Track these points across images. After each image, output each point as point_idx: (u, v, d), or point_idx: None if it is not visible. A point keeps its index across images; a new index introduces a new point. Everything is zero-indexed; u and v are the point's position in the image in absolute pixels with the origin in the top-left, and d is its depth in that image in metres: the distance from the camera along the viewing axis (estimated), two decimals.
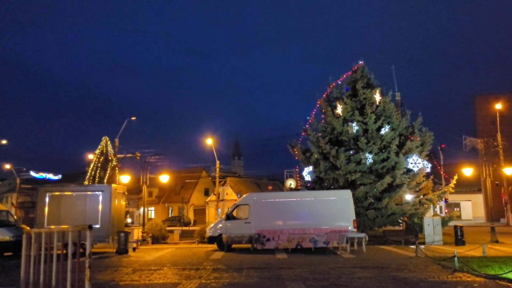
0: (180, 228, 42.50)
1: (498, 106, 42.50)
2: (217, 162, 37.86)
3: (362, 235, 19.75)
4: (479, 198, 53.59)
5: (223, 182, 60.13)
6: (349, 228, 20.29)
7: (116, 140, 34.74)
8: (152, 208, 69.17)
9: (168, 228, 33.73)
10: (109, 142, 34.10)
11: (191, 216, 65.36)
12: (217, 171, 38.20)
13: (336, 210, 21.00)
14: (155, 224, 28.75)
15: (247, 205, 21.54)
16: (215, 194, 41.80)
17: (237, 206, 22.08)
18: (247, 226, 20.90)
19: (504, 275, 10.96)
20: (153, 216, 65.53)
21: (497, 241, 22.39)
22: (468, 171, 27.77)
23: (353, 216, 20.77)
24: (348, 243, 19.36)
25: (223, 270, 13.75)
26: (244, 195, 24.34)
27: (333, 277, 11.87)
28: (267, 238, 20.55)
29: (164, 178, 31.83)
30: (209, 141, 37.80)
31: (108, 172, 32.75)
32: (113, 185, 21.77)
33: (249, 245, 20.79)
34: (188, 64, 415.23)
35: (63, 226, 6.73)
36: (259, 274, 12.73)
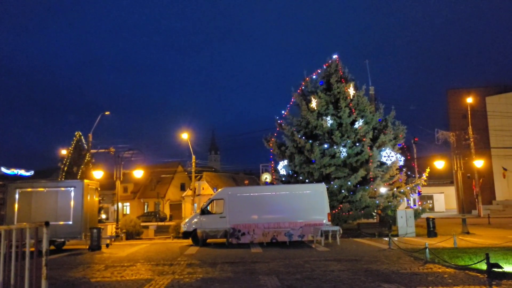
0: (156, 223, 42.11)
1: (469, 100, 43.48)
2: (193, 156, 37.68)
3: (336, 228, 19.92)
4: (451, 190, 54.61)
5: (199, 176, 59.78)
6: (324, 222, 20.42)
7: (90, 135, 34.16)
8: (128, 204, 68.37)
9: (143, 224, 33.46)
10: (82, 137, 33.55)
11: (167, 211, 64.80)
12: (193, 166, 38.00)
13: (311, 203, 21.06)
14: (129, 220, 28.44)
15: (222, 200, 21.44)
16: (191, 189, 41.61)
17: (212, 201, 21.94)
18: (222, 220, 20.82)
19: (473, 266, 11.16)
20: (128, 212, 64.84)
21: (468, 233, 22.87)
22: (440, 164, 28.15)
23: (328, 210, 20.88)
24: (322, 236, 19.49)
25: (197, 265, 13.66)
26: (219, 190, 24.22)
27: (306, 270, 11.91)
28: (242, 233, 20.55)
29: (138, 173, 31.37)
30: (185, 136, 37.59)
31: (81, 167, 32.24)
32: (85, 181, 21.40)
33: (224, 240, 20.74)
34: (164, 58, 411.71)
35: (23, 224, 6.50)
36: (233, 269, 12.68)
